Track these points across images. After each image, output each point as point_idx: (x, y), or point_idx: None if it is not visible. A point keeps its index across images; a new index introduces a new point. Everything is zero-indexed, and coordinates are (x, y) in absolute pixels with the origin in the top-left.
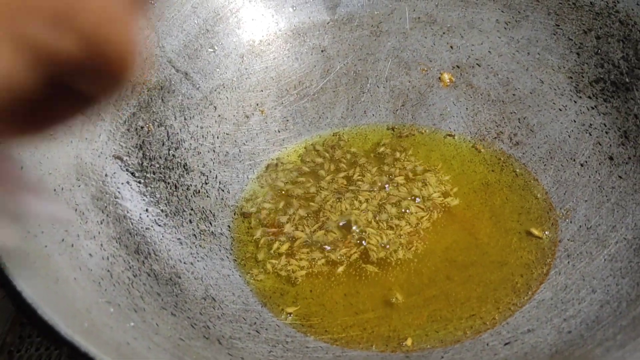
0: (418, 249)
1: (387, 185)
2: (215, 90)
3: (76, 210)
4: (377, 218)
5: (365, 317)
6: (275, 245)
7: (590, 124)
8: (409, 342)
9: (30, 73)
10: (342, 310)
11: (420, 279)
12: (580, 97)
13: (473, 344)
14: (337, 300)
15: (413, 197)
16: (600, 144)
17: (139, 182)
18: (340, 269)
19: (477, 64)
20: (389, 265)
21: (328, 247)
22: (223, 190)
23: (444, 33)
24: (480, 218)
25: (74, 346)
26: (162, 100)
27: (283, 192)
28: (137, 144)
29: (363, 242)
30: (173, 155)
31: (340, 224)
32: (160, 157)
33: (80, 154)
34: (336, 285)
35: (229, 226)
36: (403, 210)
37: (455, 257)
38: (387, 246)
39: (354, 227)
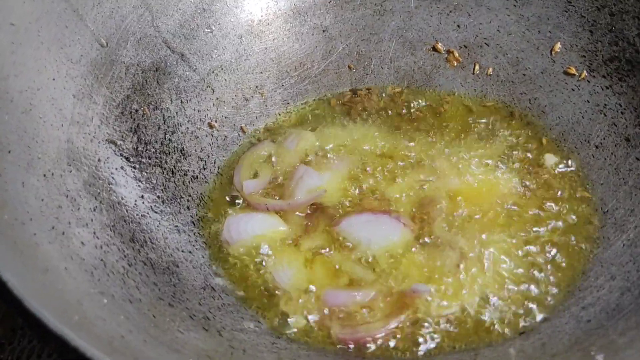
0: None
1: None
2: (213, 72)
3: (67, 196)
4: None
5: None
6: None
7: (605, 104)
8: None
9: None
10: None
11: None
12: (594, 76)
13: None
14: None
15: None
16: (616, 125)
17: (134, 168)
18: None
19: (485, 43)
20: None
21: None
22: (222, 176)
23: (450, 11)
24: None
25: (63, 340)
26: (158, 82)
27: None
28: (131, 128)
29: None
30: (169, 140)
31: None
32: (156, 142)
33: (71, 138)
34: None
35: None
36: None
37: None
38: None
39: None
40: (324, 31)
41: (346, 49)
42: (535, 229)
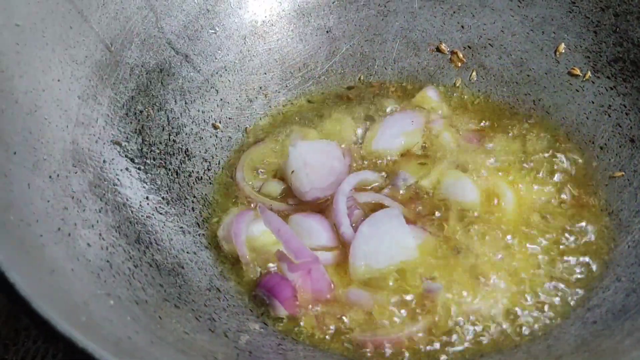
0: None
1: None
2: (217, 73)
3: (73, 197)
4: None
5: None
6: None
7: (610, 105)
8: None
9: None
10: None
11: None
12: (599, 77)
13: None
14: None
15: None
16: (621, 126)
17: (139, 169)
18: None
19: (489, 44)
20: None
21: None
22: (226, 177)
23: (454, 12)
24: None
25: (71, 341)
26: (162, 83)
27: None
28: (136, 129)
29: None
30: (174, 141)
31: None
32: (161, 143)
33: (76, 139)
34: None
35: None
36: None
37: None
38: None
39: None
40: (327, 32)
41: (350, 50)
42: (547, 234)
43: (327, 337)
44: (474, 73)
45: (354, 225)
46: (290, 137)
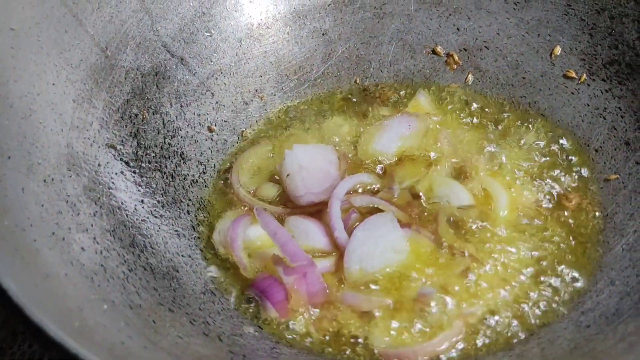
0: None
1: None
2: (213, 76)
3: (67, 202)
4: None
5: None
6: None
7: (605, 108)
8: None
9: None
10: None
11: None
12: (594, 79)
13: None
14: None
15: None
16: (616, 129)
17: (134, 172)
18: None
19: (485, 46)
20: None
21: None
22: (222, 180)
23: (450, 14)
24: None
25: (63, 348)
26: (157, 86)
27: None
28: (131, 132)
29: None
30: (169, 144)
31: None
32: (156, 146)
33: (71, 143)
34: None
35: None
36: None
37: None
38: None
39: None
40: (323, 34)
41: (346, 52)
42: (541, 237)
43: (321, 340)
44: (470, 75)
45: (352, 228)
46: (286, 141)
